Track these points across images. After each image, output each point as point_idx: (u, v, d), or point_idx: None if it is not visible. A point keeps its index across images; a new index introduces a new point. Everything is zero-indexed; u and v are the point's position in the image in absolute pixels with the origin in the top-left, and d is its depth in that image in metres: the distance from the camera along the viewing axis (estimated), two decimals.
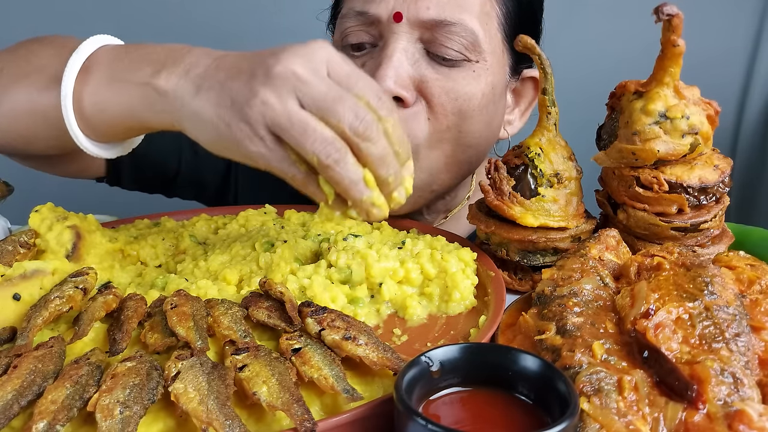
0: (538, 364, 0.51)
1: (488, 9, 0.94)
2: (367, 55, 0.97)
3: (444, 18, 0.91)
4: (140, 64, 0.70)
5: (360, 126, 0.61)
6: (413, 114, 0.93)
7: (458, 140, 0.97)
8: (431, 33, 0.92)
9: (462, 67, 0.93)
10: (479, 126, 0.97)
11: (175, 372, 0.53)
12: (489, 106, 0.97)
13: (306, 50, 0.62)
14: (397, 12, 0.91)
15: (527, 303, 0.70)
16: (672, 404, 0.51)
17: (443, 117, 0.94)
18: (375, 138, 0.62)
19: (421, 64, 0.93)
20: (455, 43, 0.92)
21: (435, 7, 0.91)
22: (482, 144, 1.02)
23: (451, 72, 0.93)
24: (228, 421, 0.47)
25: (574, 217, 0.82)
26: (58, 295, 0.66)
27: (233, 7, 2.03)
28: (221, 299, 0.68)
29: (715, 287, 0.58)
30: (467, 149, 0.99)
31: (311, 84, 0.61)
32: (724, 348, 0.54)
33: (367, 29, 0.95)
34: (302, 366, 0.56)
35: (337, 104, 0.61)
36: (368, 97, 0.63)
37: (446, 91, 0.93)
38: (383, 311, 0.73)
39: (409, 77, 0.92)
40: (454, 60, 0.93)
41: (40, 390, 0.52)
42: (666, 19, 0.70)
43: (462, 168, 1.02)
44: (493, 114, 1.00)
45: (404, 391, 0.47)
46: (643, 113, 0.74)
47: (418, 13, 0.91)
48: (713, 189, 0.77)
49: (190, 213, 1.02)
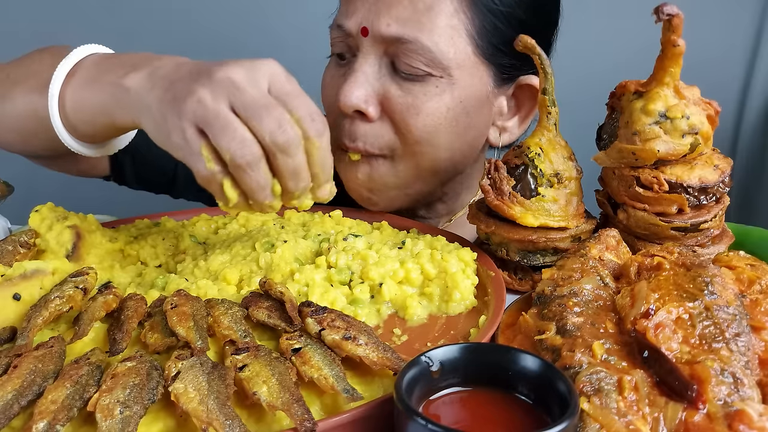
0: (538, 364, 0.51)
1: (455, 23, 0.93)
2: (347, 64, 1.00)
3: (401, 35, 0.91)
4: (116, 68, 0.76)
5: (281, 137, 0.64)
6: (377, 127, 0.96)
7: (430, 153, 0.98)
8: (394, 48, 0.93)
9: (425, 82, 0.94)
10: (450, 138, 0.98)
11: (175, 372, 0.53)
12: (460, 119, 0.97)
13: (252, 64, 0.67)
14: (363, 27, 0.93)
15: (527, 303, 0.70)
16: (672, 404, 0.51)
17: (407, 132, 0.96)
18: (293, 152, 0.65)
19: (386, 80, 0.95)
20: (415, 60, 0.92)
21: (395, 24, 0.92)
22: (457, 155, 1.02)
23: (413, 87, 0.94)
24: (228, 421, 0.47)
25: (574, 217, 0.82)
26: (58, 295, 0.66)
27: (234, 11, 2.03)
28: (221, 299, 0.68)
29: (715, 287, 0.58)
30: (440, 161, 1.00)
31: (245, 91, 0.65)
32: (724, 348, 0.54)
33: (345, 41, 0.98)
34: (302, 366, 0.56)
35: (264, 111, 0.64)
36: (300, 113, 0.66)
37: (407, 107, 0.94)
38: (383, 311, 0.73)
39: (373, 92, 0.95)
40: (416, 75, 0.94)
41: (40, 390, 0.52)
42: (666, 19, 0.70)
43: (438, 176, 1.03)
44: (467, 126, 0.99)
45: (404, 391, 0.47)
46: (643, 113, 0.74)
47: (380, 29, 0.92)
48: (713, 189, 0.77)
49: (190, 213, 1.02)
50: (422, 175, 1.01)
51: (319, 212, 1.00)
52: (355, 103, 0.93)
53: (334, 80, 1.00)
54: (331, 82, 1.01)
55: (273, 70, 0.68)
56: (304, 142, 0.67)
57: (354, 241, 0.80)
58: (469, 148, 1.03)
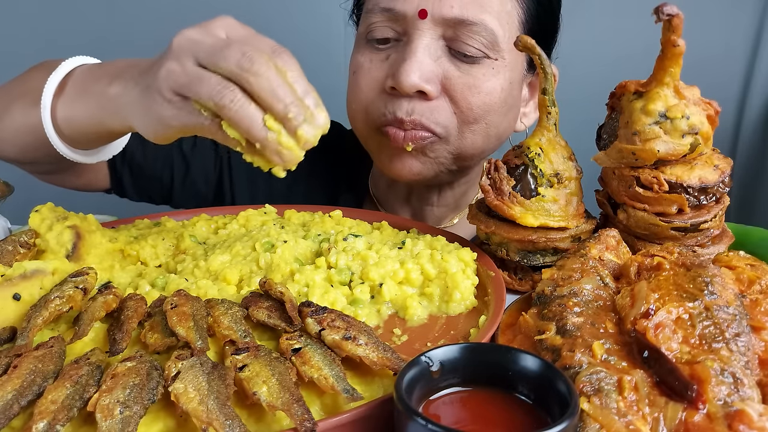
0: (538, 364, 0.51)
1: (509, 8, 0.99)
2: (391, 48, 1.02)
3: (466, 17, 0.95)
4: (101, 78, 0.78)
5: (245, 62, 0.63)
6: (436, 106, 0.99)
7: (486, 131, 1.03)
8: (453, 31, 0.97)
9: (482, 64, 0.99)
10: (499, 117, 1.04)
11: (175, 372, 0.53)
12: (508, 100, 1.03)
13: (205, 22, 0.69)
14: (423, 9, 0.96)
15: (527, 303, 0.70)
16: (672, 404, 0.51)
17: (468, 111, 1.00)
18: (262, 72, 0.63)
19: (443, 61, 0.99)
20: (476, 42, 0.97)
21: (458, 6, 0.95)
22: (504, 134, 1.09)
23: (471, 68, 0.99)
24: (228, 421, 0.47)
25: (574, 217, 0.82)
26: (58, 295, 0.66)
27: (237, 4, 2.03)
28: (221, 299, 0.68)
29: (715, 287, 0.58)
30: (492, 139, 1.06)
31: (203, 42, 0.66)
32: (724, 348, 0.54)
33: (392, 25, 1.00)
34: (302, 366, 0.56)
35: (226, 50, 0.64)
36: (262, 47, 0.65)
37: (468, 86, 0.99)
38: (384, 312, 0.73)
39: (432, 72, 0.98)
40: (474, 57, 0.98)
41: (40, 390, 0.52)
42: (666, 19, 0.70)
43: (484, 155, 1.09)
44: (512, 106, 1.06)
45: (404, 391, 0.47)
46: (643, 113, 0.74)
47: (442, 11, 0.95)
48: (713, 189, 0.77)
49: (190, 213, 1.02)
50: (472, 153, 1.05)
51: (319, 212, 1.00)
52: (418, 83, 0.96)
53: (376, 64, 1.02)
54: (372, 65, 1.03)
55: (227, 21, 0.69)
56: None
57: (354, 242, 0.80)
58: (508, 128, 1.09)
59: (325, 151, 1.28)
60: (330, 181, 1.27)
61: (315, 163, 1.29)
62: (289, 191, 1.26)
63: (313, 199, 1.25)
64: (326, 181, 1.28)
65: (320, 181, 1.28)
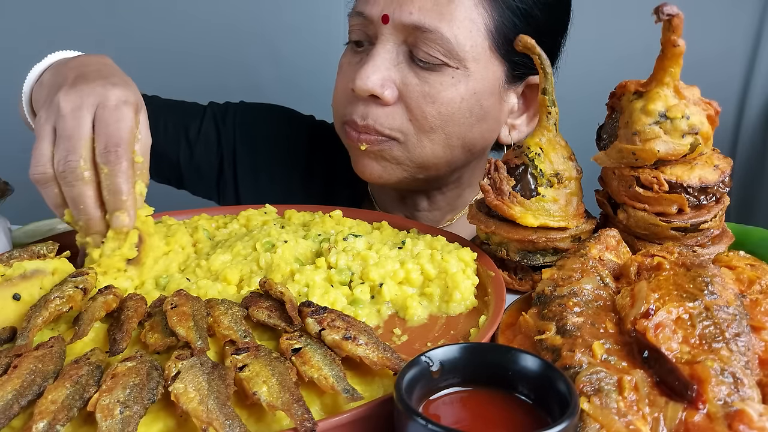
0: (538, 364, 0.51)
1: (474, 16, 0.96)
2: (364, 51, 1.03)
3: (422, 24, 0.95)
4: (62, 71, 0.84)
5: (61, 166, 0.72)
6: (391, 112, 1.00)
7: (446, 141, 1.02)
8: (414, 37, 0.96)
9: (441, 72, 0.98)
10: (462, 128, 1.02)
11: (175, 372, 0.53)
12: (473, 110, 1.01)
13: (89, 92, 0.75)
14: (385, 14, 0.97)
15: (527, 303, 0.70)
16: (672, 404, 0.51)
17: (422, 119, 0.99)
18: (71, 182, 0.72)
19: (403, 67, 0.99)
20: (433, 50, 0.96)
21: (417, 13, 0.95)
22: (474, 146, 1.06)
23: (430, 76, 0.98)
24: (228, 421, 0.47)
25: (574, 217, 0.82)
26: (58, 295, 0.66)
27: (237, 4, 2.03)
28: (221, 299, 0.68)
29: (715, 287, 0.58)
30: (458, 150, 1.04)
31: (64, 119, 0.73)
32: (724, 348, 0.54)
33: (364, 28, 1.01)
34: (302, 366, 0.56)
35: (61, 141, 0.72)
36: (99, 143, 0.72)
37: (423, 95, 0.98)
38: (384, 312, 0.73)
39: (388, 77, 0.98)
40: (433, 65, 0.97)
41: (40, 390, 0.52)
42: (666, 19, 0.70)
43: (452, 165, 1.07)
44: (482, 118, 1.03)
45: (404, 391, 0.47)
46: (643, 113, 0.74)
47: (401, 16, 0.95)
48: (713, 189, 0.77)
49: (190, 213, 1.02)
50: (435, 162, 1.04)
51: (320, 212, 1.00)
52: (371, 87, 0.96)
53: (351, 66, 1.03)
54: (347, 68, 1.05)
55: (103, 100, 0.74)
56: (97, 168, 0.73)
57: (354, 242, 0.80)
58: (481, 139, 1.06)
59: (324, 148, 1.28)
60: (328, 177, 1.28)
61: (314, 160, 1.30)
62: (288, 188, 1.27)
63: (312, 193, 1.26)
64: (324, 177, 1.28)
65: (319, 177, 1.29)
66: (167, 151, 1.27)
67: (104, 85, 0.76)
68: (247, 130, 1.29)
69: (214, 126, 1.28)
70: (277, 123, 1.32)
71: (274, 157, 1.29)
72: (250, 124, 1.30)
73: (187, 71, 2.01)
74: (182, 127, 1.27)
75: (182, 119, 1.28)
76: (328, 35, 1.98)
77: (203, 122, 1.28)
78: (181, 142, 1.27)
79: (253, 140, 1.29)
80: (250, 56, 2.08)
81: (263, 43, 2.05)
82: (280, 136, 1.30)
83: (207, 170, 1.29)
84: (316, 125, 1.35)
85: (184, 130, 1.27)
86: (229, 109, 1.31)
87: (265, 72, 2.08)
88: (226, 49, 2.05)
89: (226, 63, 2.06)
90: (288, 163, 1.29)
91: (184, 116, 1.28)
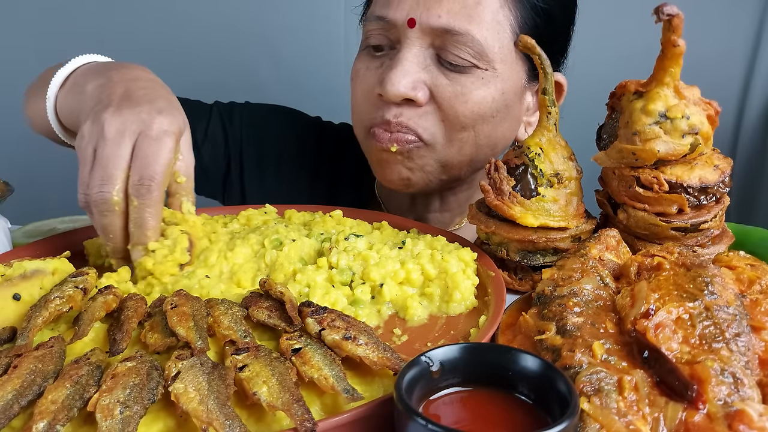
0: (538, 364, 0.51)
1: (501, 18, 0.97)
2: (385, 55, 1.03)
3: (452, 27, 0.95)
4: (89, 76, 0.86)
5: (95, 195, 0.73)
6: (424, 113, 1.00)
7: (475, 140, 1.03)
8: (442, 40, 0.97)
9: (471, 73, 0.98)
10: (490, 127, 1.03)
11: (175, 372, 0.53)
12: (501, 110, 1.02)
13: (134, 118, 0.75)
14: (411, 18, 0.96)
15: (527, 303, 0.70)
16: (672, 404, 0.51)
17: (455, 119, 1.00)
18: (102, 212, 0.73)
19: (432, 70, 0.99)
20: (463, 52, 0.96)
21: (445, 16, 0.95)
22: (497, 145, 1.07)
23: (460, 78, 0.98)
24: (228, 421, 0.47)
25: (574, 217, 0.82)
26: (58, 295, 0.66)
27: (237, 5, 2.03)
28: (221, 299, 0.68)
29: (715, 287, 0.58)
30: (483, 148, 1.05)
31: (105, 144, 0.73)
32: (724, 348, 0.54)
33: (385, 33, 1.01)
34: (302, 366, 0.56)
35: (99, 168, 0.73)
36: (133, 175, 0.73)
37: (455, 95, 0.98)
38: (384, 312, 0.73)
39: (419, 80, 0.98)
40: (462, 66, 0.98)
41: (40, 390, 0.52)
42: (666, 19, 0.70)
43: (474, 164, 1.08)
44: (506, 117, 1.04)
45: (404, 391, 0.47)
46: (644, 113, 0.74)
47: (429, 20, 0.96)
48: (713, 189, 0.77)
49: None
50: (461, 162, 1.05)
51: (320, 212, 1.00)
52: (403, 92, 0.97)
53: (371, 71, 1.03)
54: (367, 73, 1.04)
55: (145, 129, 0.74)
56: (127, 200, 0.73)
57: (355, 242, 0.80)
58: (503, 139, 1.08)
59: (330, 150, 1.28)
60: (334, 179, 1.28)
61: (320, 161, 1.30)
62: (294, 189, 1.27)
63: (318, 194, 1.26)
64: (330, 178, 1.29)
65: (325, 178, 1.29)
66: None
67: (149, 112, 0.76)
68: (254, 130, 1.30)
69: (221, 126, 1.29)
70: (284, 123, 1.32)
71: (281, 157, 1.29)
72: (257, 124, 1.30)
73: (187, 71, 2.01)
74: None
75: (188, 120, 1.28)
76: (328, 35, 1.99)
77: (210, 122, 1.28)
78: None
79: (260, 140, 1.29)
80: (250, 56, 2.08)
81: (263, 43, 2.05)
82: (288, 137, 1.31)
83: (214, 171, 1.30)
84: (322, 126, 1.35)
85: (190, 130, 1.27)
86: (235, 108, 1.32)
87: (265, 72, 2.08)
88: (226, 49, 2.05)
89: (226, 63, 2.06)
90: (295, 164, 1.29)
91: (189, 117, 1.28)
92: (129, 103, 0.77)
